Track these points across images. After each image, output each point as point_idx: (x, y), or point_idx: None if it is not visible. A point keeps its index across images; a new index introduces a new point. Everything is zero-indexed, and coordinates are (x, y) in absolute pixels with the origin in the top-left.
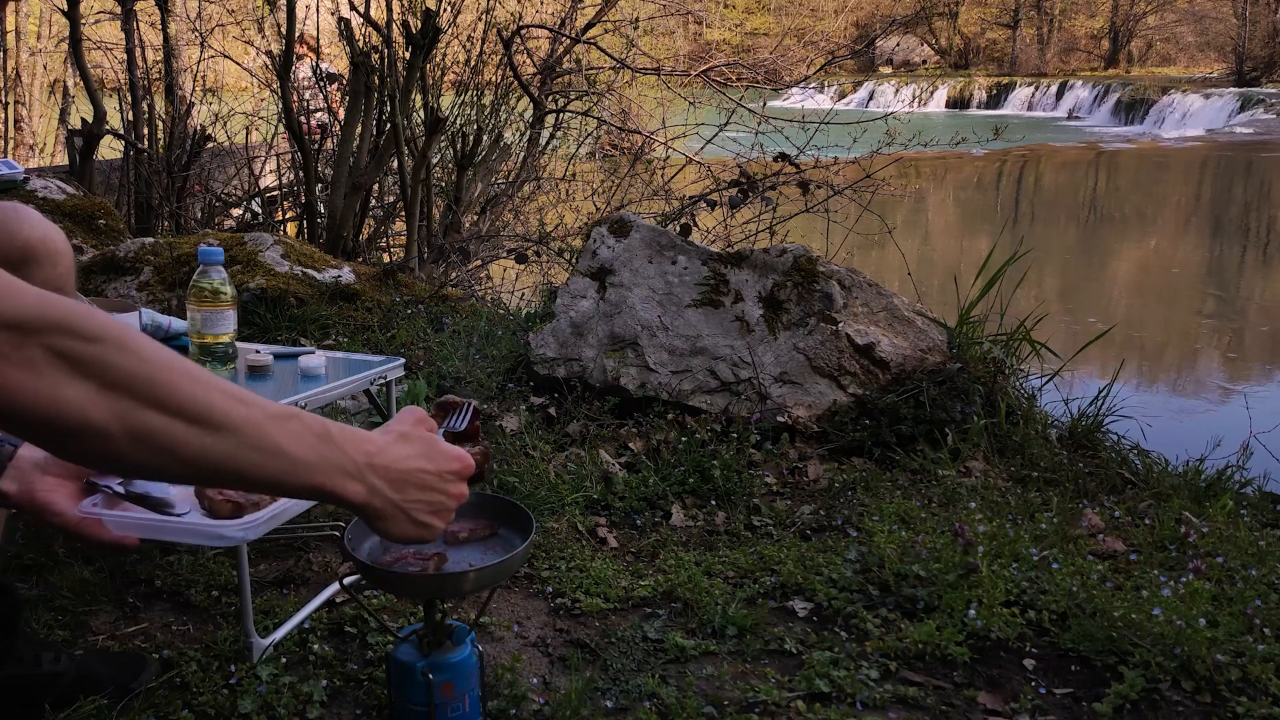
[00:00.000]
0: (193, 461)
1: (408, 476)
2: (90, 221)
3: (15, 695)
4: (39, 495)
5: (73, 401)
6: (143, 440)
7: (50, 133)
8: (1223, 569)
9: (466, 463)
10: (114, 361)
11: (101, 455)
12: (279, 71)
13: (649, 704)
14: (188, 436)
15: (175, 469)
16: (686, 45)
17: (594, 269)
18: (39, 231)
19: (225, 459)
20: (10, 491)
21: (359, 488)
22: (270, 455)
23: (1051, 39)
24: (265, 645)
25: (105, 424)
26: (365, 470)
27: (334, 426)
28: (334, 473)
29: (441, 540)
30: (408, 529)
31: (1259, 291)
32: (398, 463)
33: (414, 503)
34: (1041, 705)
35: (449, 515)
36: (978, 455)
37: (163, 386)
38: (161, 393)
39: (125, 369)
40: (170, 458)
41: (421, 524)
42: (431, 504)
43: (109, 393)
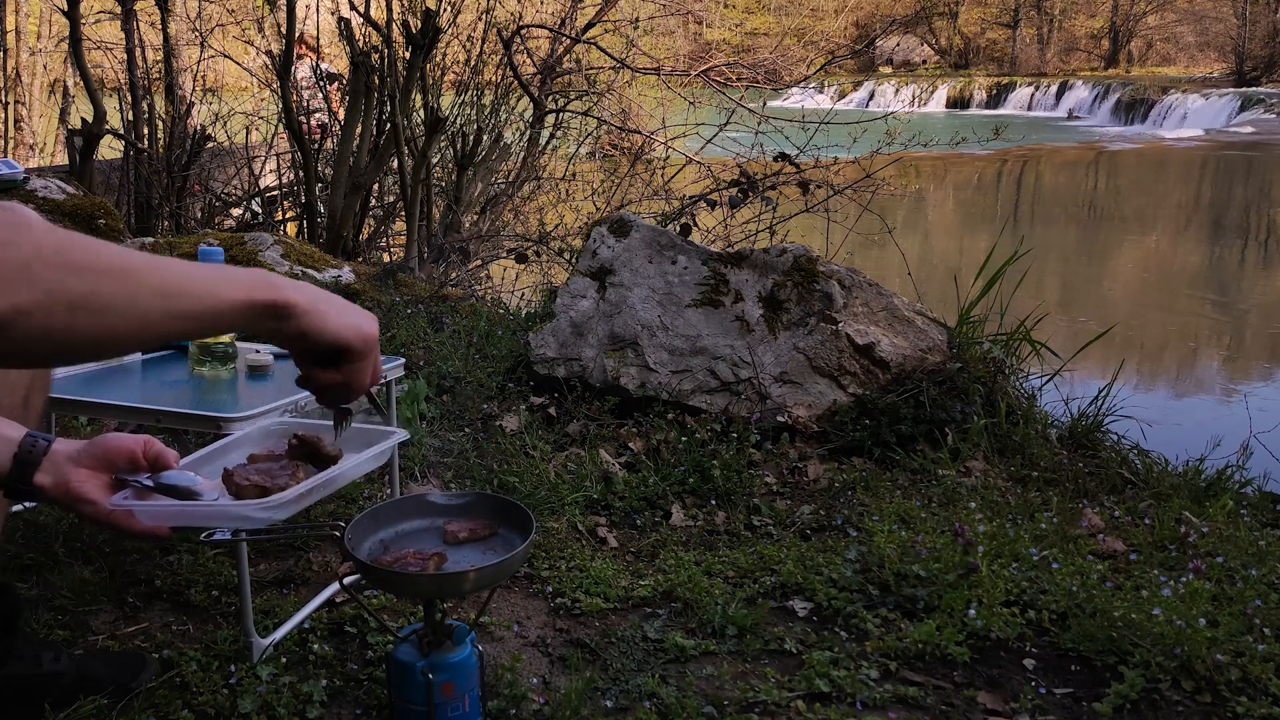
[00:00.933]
0: (128, 310)
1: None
2: (90, 221)
3: (15, 695)
4: (74, 487)
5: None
6: (76, 305)
7: (50, 132)
8: (1223, 569)
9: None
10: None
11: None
12: (279, 71)
13: (649, 704)
14: (114, 287)
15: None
16: (686, 45)
17: (594, 269)
18: None
19: (156, 297)
20: (45, 484)
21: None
22: (191, 282)
23: (1051, 39)
24: (265, 645)
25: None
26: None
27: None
28: (254, 283)
29: (441, 540)
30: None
31: (1259, 292)
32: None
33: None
34: (1041, 705)
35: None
36: (978, 455)
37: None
38: (76, 258)
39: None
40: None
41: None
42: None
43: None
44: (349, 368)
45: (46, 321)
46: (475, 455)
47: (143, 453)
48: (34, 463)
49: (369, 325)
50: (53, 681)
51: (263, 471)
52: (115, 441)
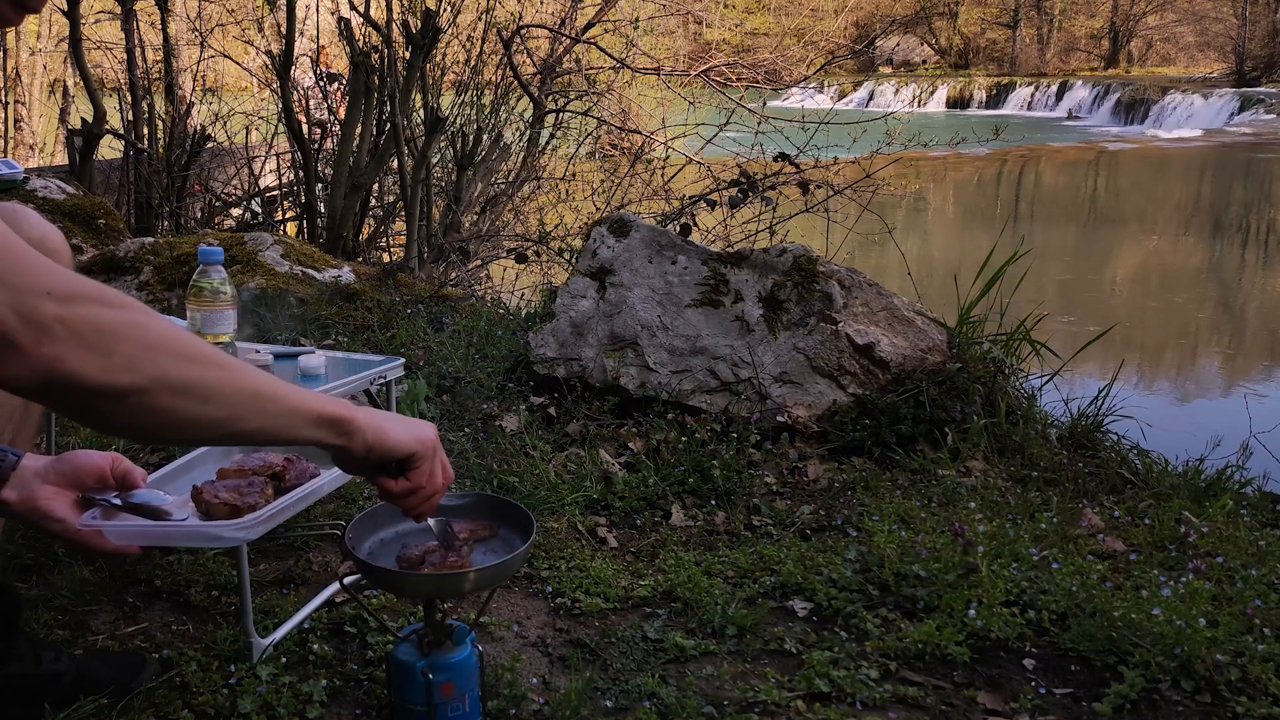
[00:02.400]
0: (227, 399)
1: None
2: (90, 221)
3: (15, 695)
4: (41, 504)
5: (118, 364)
6: (184, 391)
7: (50, 132)
8: (1223, 569)
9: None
10: (144, 324)
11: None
12: (279, 71)
13: (649, 704)
14: (220, 379)
15: (214, 415)
16: (686, 45)
17: (594, 269)
18: (39, 232)
19: (249, 390)
20: (12, 500)
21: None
22: (280, 388)
23: (1051, 39)
24: (265, 645)
25: (149, 382)
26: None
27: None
28: (330, 399)
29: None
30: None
31: (1259, 291)
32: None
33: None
34: (1041, 705)
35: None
36: (978, 455)
37: (185, 342)
38: (186, 347)
39: (155, 330)
40: (211, 403)
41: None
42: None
43: (150, 352)
44: (416, 472)
45: (156, 401)
46: (475, 455)
47: (110, 470)
48: (1, 478)
49: (427, 431)
50: (53, 681)
51: (231, 489)
52: (84, 459)
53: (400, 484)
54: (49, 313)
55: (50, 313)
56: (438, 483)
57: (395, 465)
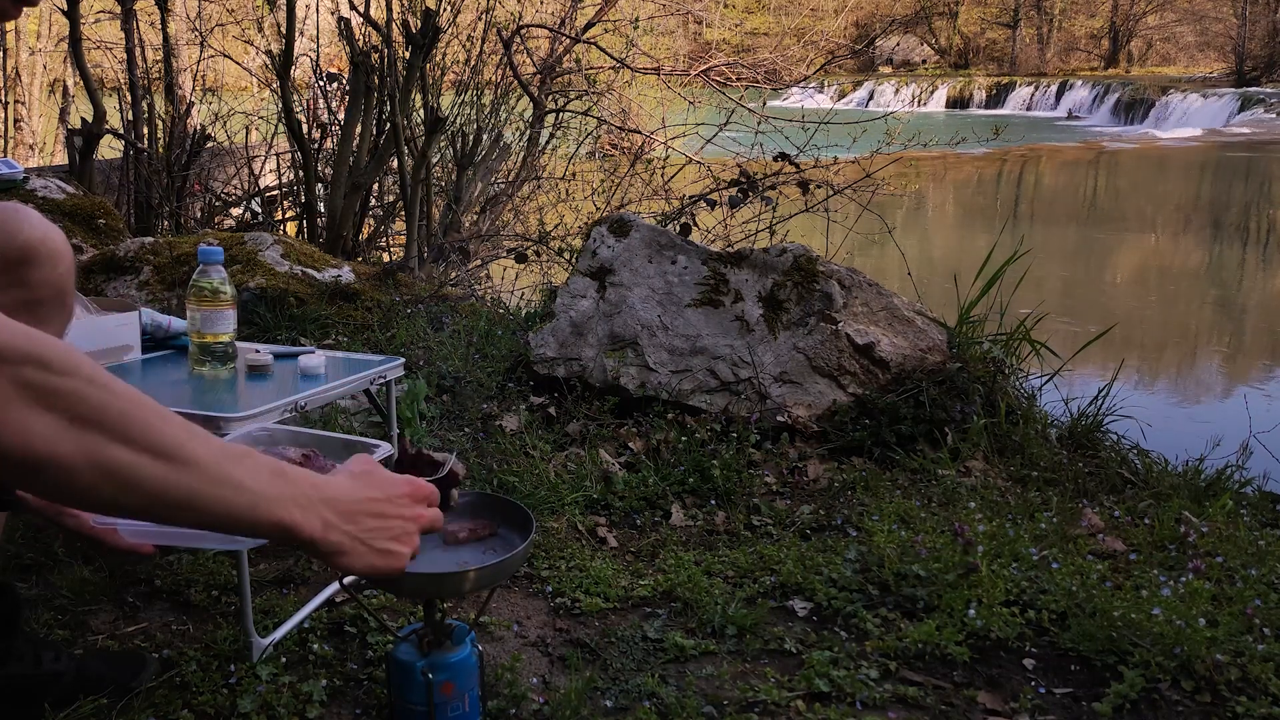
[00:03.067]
0: (157, 496)
1: (356, 506)
2: (90, 221)
3: (15, 694)
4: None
5: (41, 434)
6: (109, 475)
7: (50, 132)
8: (1222, 569)
9: (416, 485)
10: (84, 395)
11: (65, 488)
12: (279, 71)
13: (649, 703)
14: (154, 471)
15: (136, 503)
16: (686, 45)
17: (594, 269)
18: (39, 232)
19: (188, 494)
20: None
21: (315, 521)
22: (231, 489)
23: (1051, 39)
24: (265, 645)
25: (71, 458)
26: (318, 503)
27: (285, 465)
28: (290, 506)
29: (441, 540)
30: (372, 559)
31: (1259, 291)
32: (344, 493)
33: (370, 532)
34: (1041, 705)
35: (413, 539)
36: (977, 455)
37: (131, 421)
38: (130, 428)
39: (96, 403)
40: (134, 493)
41: (385, 551)
42: (390, 530)
43: (78, 427)
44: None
45: (75, 479)
46: (475, 455)
47: None
48: None
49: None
50: (53, 681)
51: None
52: None
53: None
54: None
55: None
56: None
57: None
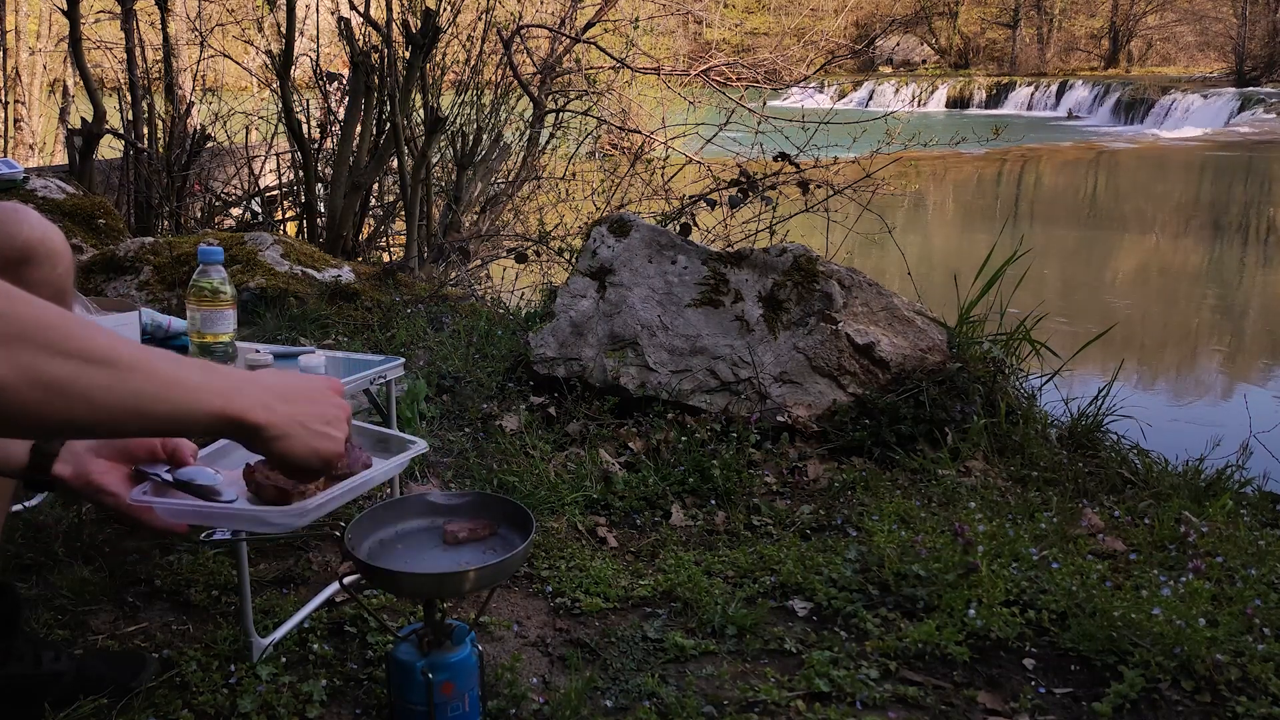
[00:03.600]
0: (102, 404)
1: (290, 391)
2: (90, 221)
3: (15, 694)
4: (95, 478)
5: None
6: (51, 389)
7: (50, 132)
8: (1222, 569)
9: (333, 381)
10: (8, 312)
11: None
12: (279, 71)
13: (649, 703)
14: (96, 378)
15: (85, 415)
16: (686, 45)
17: (594, 268)
18: (39, 231)
19: (130, 396)
20: (66, 475)
21: (257, 408)
22: (170, 385)
23: (1051, 39)
24: (265, 645)
25: (7, 378)
26: (256, 389)
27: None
28: (231, 394)
29: (441, 540)
30: (313, 441)
31: (1259, 291)
32: (276, 380)
33: (308, 415)
34: (1041, 705)
35: (344, 425)
36: (977, 455)
37: (61, 332)
38: (63, 340)
39: (23, 318)
40: (80, 403)
41: (322, 434)
42: (324, 415)
43: (9, 345)
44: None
45: (17, 397)
46: (475, 455)
47: (161, 444)
48: (53, 453)
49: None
50: (53, 681)
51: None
52: None
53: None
54: None
55: None
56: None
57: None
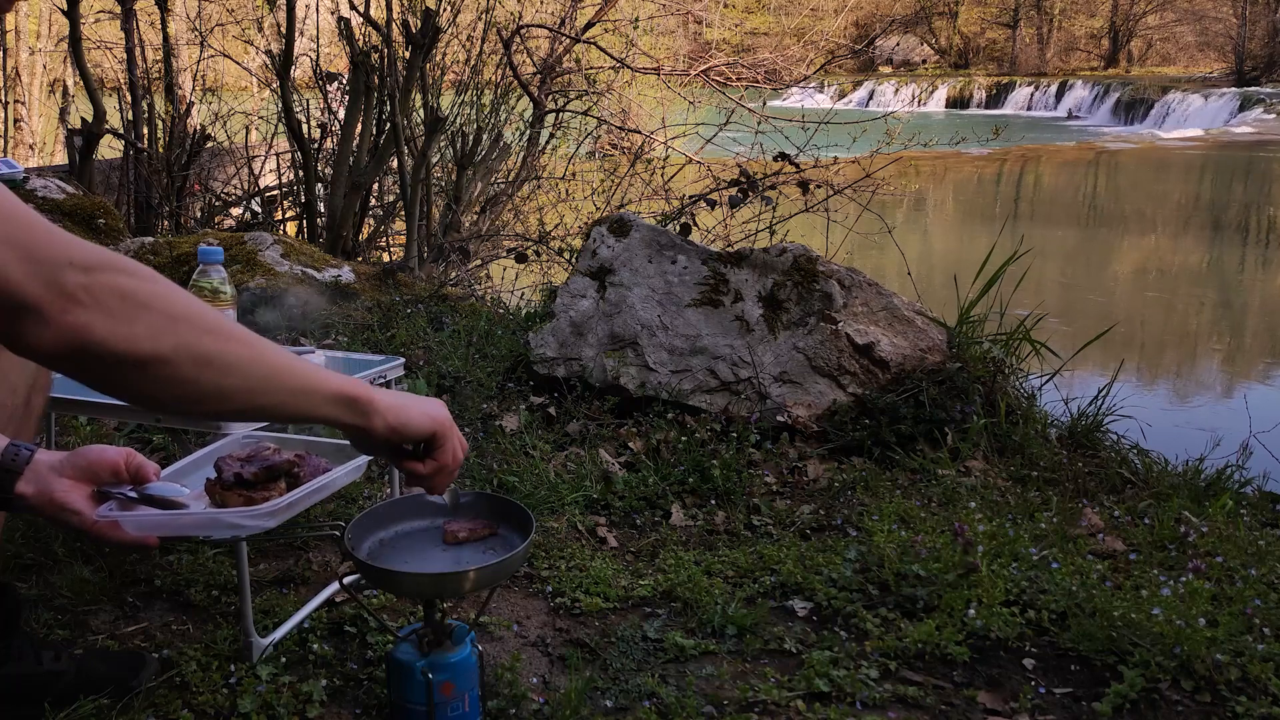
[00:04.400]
0: (246, 376)
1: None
2: (90, 221)
3: (15, 694)
4: (57, 496)
5: (143, 334)
6: (205, 363)
7: (50, 132)
8: (1222, 569)
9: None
10: (166, 294)
11: (171, 385)
12: (279, 71)
13: (649, 703)
14: (240, 352)
15: (234, 385)
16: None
17: (594, 268)
18: None
19: (271, 371)
20: (28, 494)
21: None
22: (301, 365)
23: (1051, 39)
24: (265, 645)
25: (173, 352)
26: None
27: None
28: (350, 379)
29: (441, 540)
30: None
31: (1259, 291)
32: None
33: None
34: (1041, 705)
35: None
36: (977, 455)
37: (207, 313)
38: (208, 319)
39: (179, 300)
40: (231, 374)
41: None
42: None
43: (174, 322)
44: (440, 451)
45: (178, 371)
46: (475, 455)
47: (125, 464)
48: (16, 471)
49: (441, 410)
50: (53, 681)
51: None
52: (98, 453)
53: (428, 465)
54: (74, 282)
55: (75, 282)
56: (458, 458)
57: (417, 447)
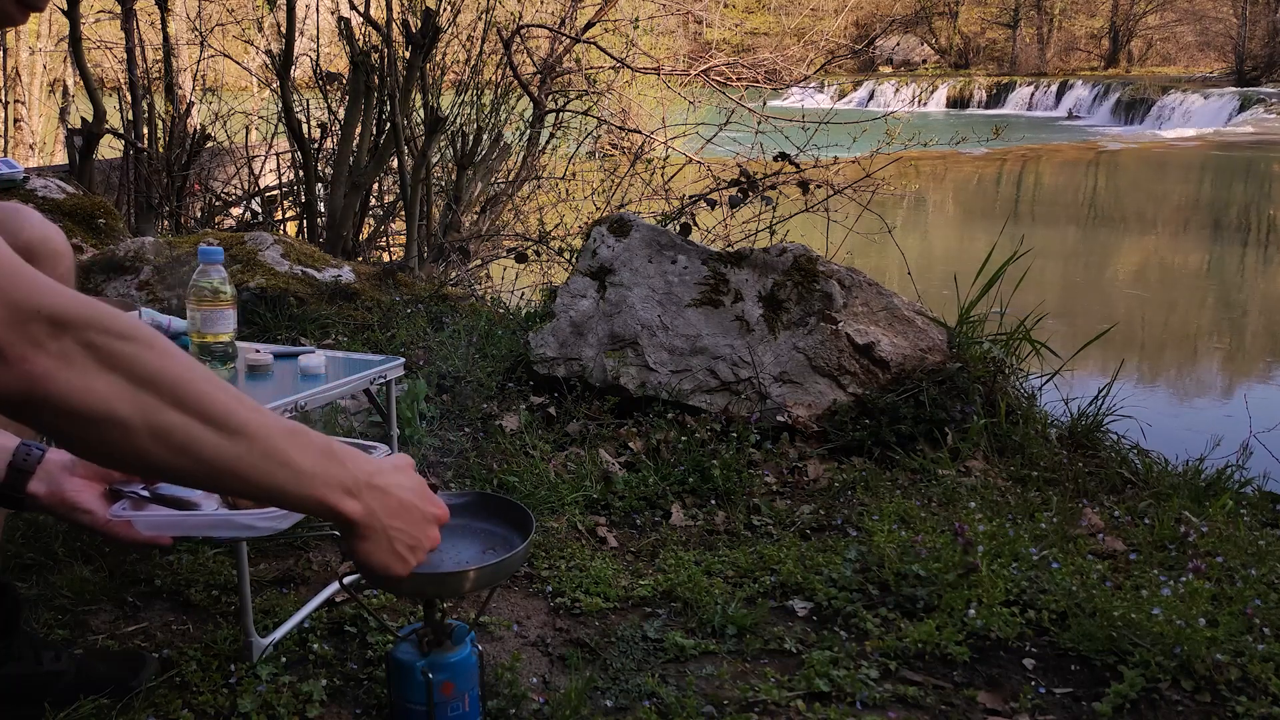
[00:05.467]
0: (206, 462)
1: (402, 503)
2: (90, 221)
3: (15, 694)
4: (69, 495)
5: (102, 393)
6: (162, 437)
7: (50, 132)
8: (1222, 569)
9: (444, 511)
10: (143, 359)
11: (120, 449)
12: (279, 71)
13: (649, 703)
14: (204, 437)
15: (187, 468)
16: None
17: (594, 268)
18: (39, 232)
19: (236, 463)
20: (40, 493)
21: (356, 504)
22: (278, 464)
23: (1051, 38)
24: (265, 645)
25: (129, 417)
26: (364, 488)
27: (337, 445)
28: (335, 487)
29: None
30: (386, 558)
31: (1259, 291)
32: (395, 489)
33: (399, 531)
34: (1041, 705)
35: (422, 554)
36: (977, 455)
37: (187, 387)
38: (185, 393)
39: (153, 367)
40: (185, 456)
41: (399, 555)
42: (412, 539)
43: (137, 388)
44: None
45: (131, 439)
46: (475, 455)
47: None
48: (28, 471)
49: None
50: (53, 680)
51: None
52: None
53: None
54: (41, 332)
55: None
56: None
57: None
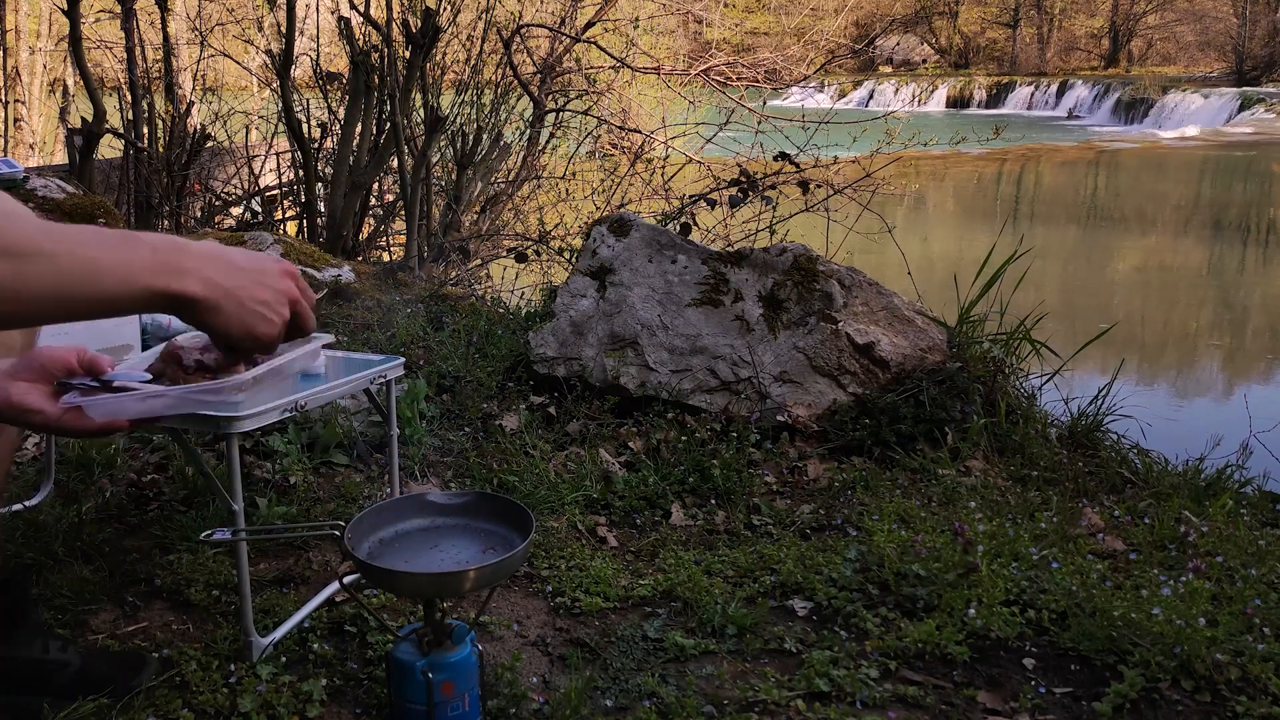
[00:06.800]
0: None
1: (235, 262)
2: (90, 221)
3: (20, 678)
4: (15, 398)
5: None
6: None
7: (50, 131)
8: (1222, 568)
9: (288, 263)
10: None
11: None
12: (279, 71)
13: (649, 703)
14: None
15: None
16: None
17: (594, 268)
18: None
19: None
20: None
21: (189, 280)
22: (92, 272)
23: (1051, 38)
24: (265, 644)
25: None
26: (191, 260)
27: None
28: (160, 271)
29: (437, 542)
30: (247, 320)
31: (1259, 291)
32: (223, 252)
33: (245, 289)
34: (1041, 704)
35: (283, 308)
36: (977, 454)
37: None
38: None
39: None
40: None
41: (257, 314)
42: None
43: None
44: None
45: None
46: (475, 455)
47: (78, 360)
48: None
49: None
50: (58, 669)
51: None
52: (48, 353)
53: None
54: None
55: None
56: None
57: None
